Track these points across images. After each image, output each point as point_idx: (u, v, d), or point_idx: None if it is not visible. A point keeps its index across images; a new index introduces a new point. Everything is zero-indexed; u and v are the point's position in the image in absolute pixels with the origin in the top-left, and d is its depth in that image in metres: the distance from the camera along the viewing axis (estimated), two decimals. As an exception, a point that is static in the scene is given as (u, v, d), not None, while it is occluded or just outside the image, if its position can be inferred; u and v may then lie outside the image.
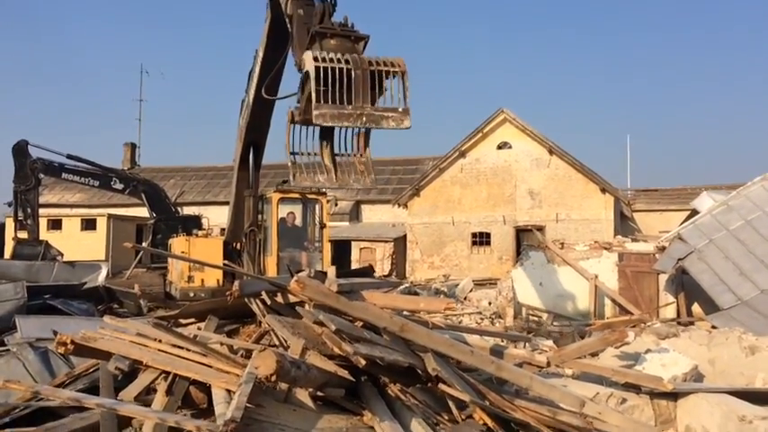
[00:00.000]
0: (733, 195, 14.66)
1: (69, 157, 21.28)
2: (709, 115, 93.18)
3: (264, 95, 8.29)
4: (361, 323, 5.38)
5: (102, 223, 31.35)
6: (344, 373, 4.59)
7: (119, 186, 22.51)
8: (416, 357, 5.57)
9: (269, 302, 6.10)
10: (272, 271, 12.83)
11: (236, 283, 6.27)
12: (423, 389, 5.56)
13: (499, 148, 25.29)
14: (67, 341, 4.87)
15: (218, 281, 13.28)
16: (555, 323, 15.36)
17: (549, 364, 7.42)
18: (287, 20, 7.44)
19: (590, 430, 5.32)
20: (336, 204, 29.78)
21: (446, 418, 5.22)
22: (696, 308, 15.19)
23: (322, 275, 6.02)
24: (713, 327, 11.91)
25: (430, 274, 24.58)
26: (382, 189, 33.60)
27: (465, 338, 7.24)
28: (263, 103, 9.92)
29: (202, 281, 13.32)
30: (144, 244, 25.63)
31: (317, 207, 13.60)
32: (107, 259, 28.25)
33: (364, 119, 5.97)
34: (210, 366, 5.20)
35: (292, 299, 6.47)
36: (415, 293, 16.05)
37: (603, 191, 23.87)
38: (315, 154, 6.94)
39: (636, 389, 7.25)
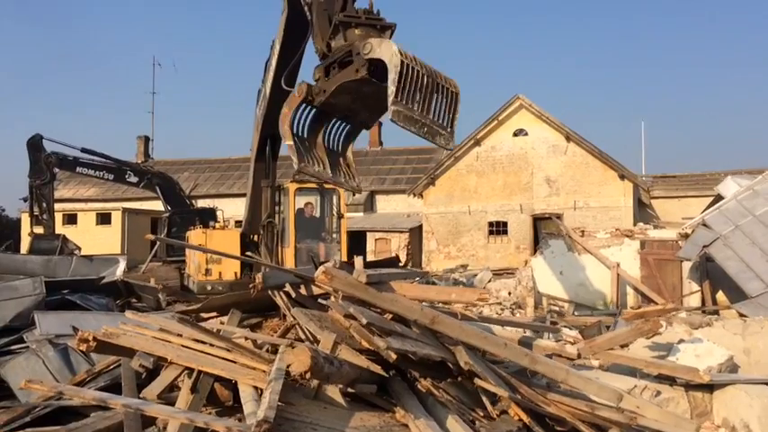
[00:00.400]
0: (758, 180, 14.32)
1: (84, 150, 21.28)
2: (724, 100, 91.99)
3: (284, 86, 8.09)
4: (391, 315, 5.20)
5: (117, 217, 31.41)
6: (377, 369, 4.42)
7: (133, 180, 22.47)
8: (447, 351, 5.38)
9: (293, 295, 5.93)
10: (289, 262, 12.69)
11: (259, 275, 6.11)
12: (454, 383, 5.38)
13: (515, 135, 24.96)
14: (89, 338, 4.71)
15: (235, 273, 13.17)
16: (576, 313, 15.13)
17: (579, 356, 7.22)
18: (305, 8, 7.23)
19: (631, 426, 5.11)
20: (354, 194, 29.66)
21: (481, 414, 5.03)
22: (721, 296, 14.90)
23: (348, 266, 5.83)
24: (741, 315, 11.64)
25: (446, 264, 24.35)
26: (396, 179, 33.37)
27: (492, 330, 7.05)
28: (281, 96, 9.68)
29: (220, 274, 13.21)
30: (150, 236, 25.46)
31: (335, 197, 13.44)
32: (123, 253, 28.32)
33: (425, 129, 5.89)
34: (236, 362, 5.05)
35: (316, 291, 6.32)
36: (433, 284, 15.86)
37: (622, 177, 23.50)
38: (307, 142, 6.79)
39: (670, 380, 7.03)
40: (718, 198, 15.38)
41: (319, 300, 6.35)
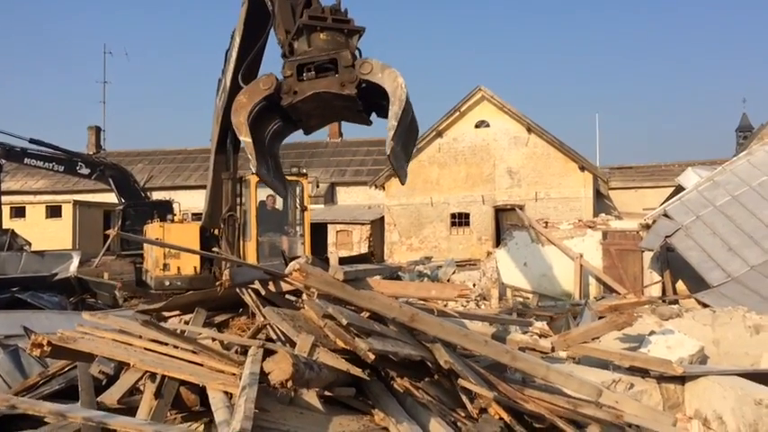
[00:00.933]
0: (719, 171, 14.53)
1: (32, 141, 20.45)
2: (674, 94, 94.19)
3: (241, 82, 7.58)
4: (368, 313, 4.97)
5: (67, 210, 30.39)
6: (358, 372, 4.18)
7: (85, 171, 21.70)
8: (425, 349, 5.19)
9: (262, 292, 5.64)
10: (251, 257, 12.35)
11: (227, 272, 5.80)
12: (432, 382, 5.18)
13: (477, 126, 24.93)
14: (43, 342, 4.34)
15: (195, 268, 12.77)
16: (540, 304, 15.15)
17: (553, 350, 7.13)
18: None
19: (613, 423, 5.00)
20: (318, 186, 29.32)
21: (462, 414, 4.85)
22: (681, 285, 15.10)
23: (321, 262, 5.57)
24: (704, 305, 11.78)
25: (409, 256, 24.24)
26: (357, 170, 33.10)
27: (464, 324, 6.89)
28: (241, 88, 9.26)
29: (179, 268, 12.79)
30: (112, 231, 24.83)
31: (298, 189, 13.11)
32: (74, 247, 27.40)
33: (400, 164, 5.78)
34: (204, 365, 4.76)
35: (286, 287, 6.04)
36: (398, 277, 15.69)
37: (582, 169, 23.72)
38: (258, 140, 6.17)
39: (642, 373, 6.99)
40: (679, 189, 15.58)
41: (288, 296, 6.08)
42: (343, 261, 5.58)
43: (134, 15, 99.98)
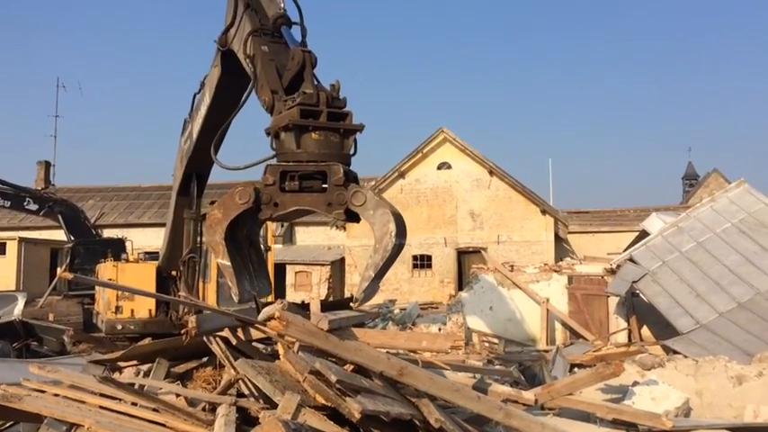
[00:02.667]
0: (683, 217, 14.63)
1: (-22, 175, 19.50)
2: (622, 141, 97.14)
3: (213, 155, 6.91)
4: (352, 366, 4.54)
5: (12, 247, 29.00)
6: (347, 436, 3.74)
7: (33, 207, 20.77)
8: (411, 405, 4.77)
9: (233, 341, 5.15)
10: (211, 299, 11.75)
11: (193, 318, 5.28)
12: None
13: (439, 168, 24.88)
14: (-18, 402, 3.78)
15: (150, 311, 12.07)
16: (507, 350, 14.83)
17: (536, 402, 6.77)
18: (245, 61, 6.34)
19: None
20: (283, 225, 28.63)
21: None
22: (646, 331, 15.03)
23: (297, 308, 5.11)
24: (674, 352, 11.64)
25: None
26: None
27: (444, 375, 6.50)
28: (208, 139, 8.67)
29: (132, 311, 12.08)
30: (60, 270, 23.74)
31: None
32: (18, 287, 26.05)
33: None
34: (166, 426, 4.24)
35: (255, 334, 5.56)
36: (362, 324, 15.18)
37: (544, 212, 23.81)
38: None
39: (628, 426, 6.69)
40: (643, 234, 15.61)
41: (255, 343, 5.60)
42: (322, 306, 5.10)
43: (88, 47, 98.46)
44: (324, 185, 5.29)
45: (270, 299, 7.74)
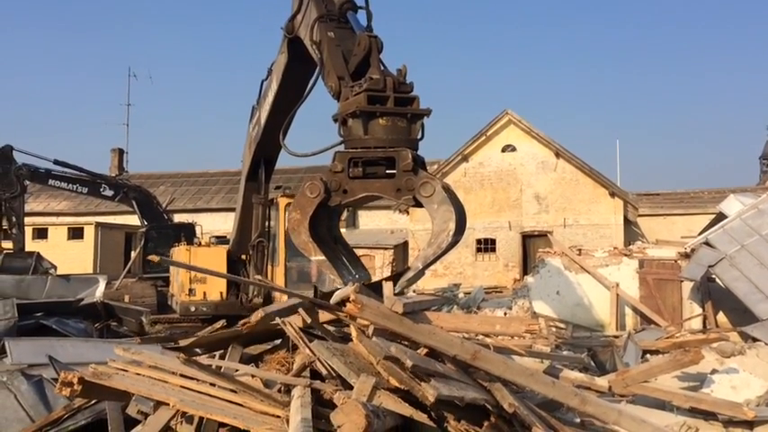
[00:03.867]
0: (763, 199, 13.96)
1: (56, 162, 20.41)
2: (693, 120, 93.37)
3: (282, 141, 7.03)
4: (426, 350, 4.54)
5: (89, 232, 30.28)
6: (423, 417, 3.75)
7: (108, 193, 21.63)
8: (483, 389, 4.75)
9: (307, 324, 5.23)
10: (279, 282, 11.98)
11: (259, 313, 5.38)
12: (493, 426, 4.73)
13: (503, 151, 24.52)
14: (73, 380, 3.97)
15: (221, 294, 12.43)
16: (575, 335, 14.58)
17: (610, 389, 6.64)
18: (312, 47, 6.36)
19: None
20: (349, 210, 28.96)
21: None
22: (722, 317, 14.47)
23: (366, 289, 5.11)
24: (754, 339, 11.19)
25: (432, 282, 23.72)
26: (379, 194, 32.72)
27: (515, 361, 6.43)
28: (275, 125, 8.84)
29: (204, 294, 12.47)
30: (134, 253, 24.69)
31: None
32: (95, 269, 27.22)
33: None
34: (247, 407, 4.35)
35: (325, 316, 5.63)
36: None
37: (612, 195, 23.17)
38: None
39: (706, 415, 6.48)
40: (720, 216, 14.97)
41: (325, 325, 5.67)
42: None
43: (157, 35, 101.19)
44: (390, 171, 5.34)
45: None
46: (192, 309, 12.28)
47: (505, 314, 15.57)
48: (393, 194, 5.29)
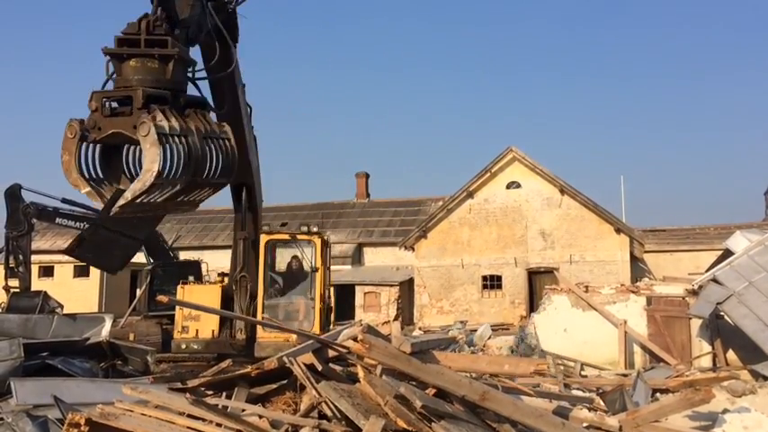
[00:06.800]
0: (770, 235, 13.94)
1: (64, 201, 20.47)
2: (696, 156, 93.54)
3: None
4: (434, 390, 4.52)
5: (95, 270, 30.24)
6: (432, 462, 3.71)
7: (114, 231, 21.62)
8: (491, 429, 4.70)
9: (319, 368, 5.20)
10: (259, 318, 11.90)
11: (270, 361, 5.43)
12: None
13: (508, 187, 24.63)
14: (81, 421, 3.96)
15: (212, 331, 12.28)
16: (583, 373, 14.42)
17: (620, 429, 6.55)
18: None
19: None
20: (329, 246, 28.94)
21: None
22: (731, 355, 14.31)
23: (373, 330, 5.12)
24: (764, 377, 11.04)
25: (439, 319, 23.62)
26: (384, 231, 32.76)
27: (523, 401, 6.36)
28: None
29: (197, 331, 12.33)
30: (139, 291, 24.64)
31: (309, 249, 12.50)
32: (101, 308, 27.18)
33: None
34: (253, 448, 4.32)
35: (330, 354, 5.60)
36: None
37: (618, 231, 23.18)
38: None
39: (718, 456, 6.38)
40: (727, 253, 14.93)
41: (331, 364, 5.64)
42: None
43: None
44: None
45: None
46: (183, 346, 12.10)
47: (512, 351, 15.47)
48: (131, 131, 5.69)
